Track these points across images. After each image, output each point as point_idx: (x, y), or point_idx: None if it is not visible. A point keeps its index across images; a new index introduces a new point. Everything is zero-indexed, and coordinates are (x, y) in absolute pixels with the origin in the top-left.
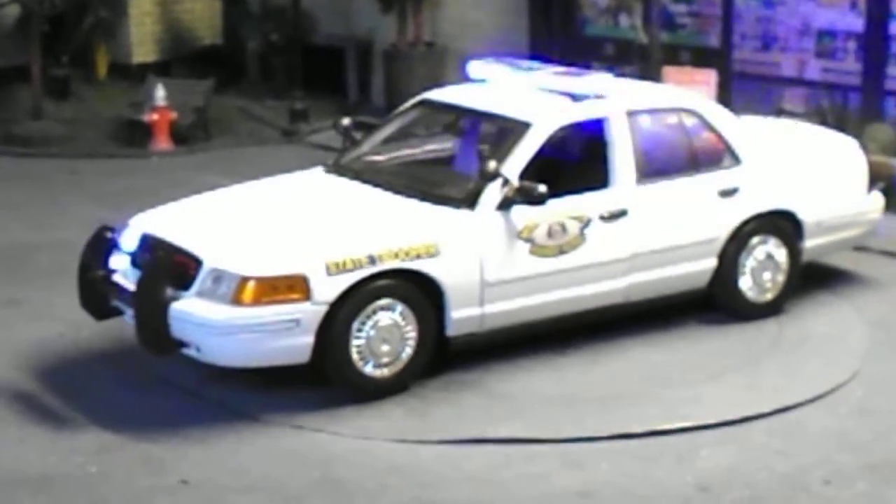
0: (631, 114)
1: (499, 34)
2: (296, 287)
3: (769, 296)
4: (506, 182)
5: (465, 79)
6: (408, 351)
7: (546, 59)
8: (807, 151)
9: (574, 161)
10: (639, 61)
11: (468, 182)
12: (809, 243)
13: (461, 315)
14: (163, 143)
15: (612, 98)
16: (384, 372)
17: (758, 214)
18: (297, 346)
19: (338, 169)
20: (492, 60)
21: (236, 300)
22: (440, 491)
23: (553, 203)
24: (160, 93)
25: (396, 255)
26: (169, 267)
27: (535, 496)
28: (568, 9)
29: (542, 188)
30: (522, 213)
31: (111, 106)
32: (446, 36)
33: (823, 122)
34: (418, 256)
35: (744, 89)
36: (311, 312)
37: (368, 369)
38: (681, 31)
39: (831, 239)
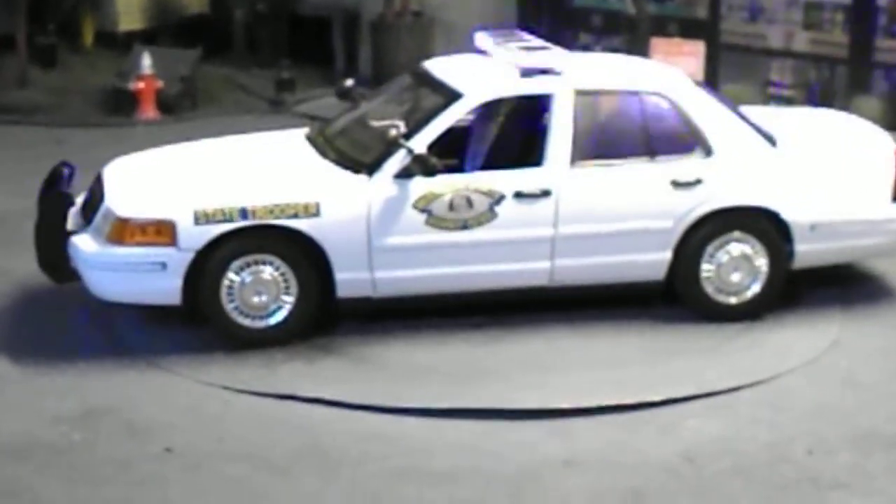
0: (580, 93)
1: (487, 5)
2: (163, 232)
3: (740, 299)
4: (410, 152)
5: (467, 50)
6: (287, 307)
7: (534, 30)
8: (817, 147)
9: (508, 136)
10: (626, 33)
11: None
12: (802, 248)
13: (348, 277)
14: (149, 111)
15: (564, 75)
16: (258, 323)
17: (725, 209)
18: (167, 288)
19: (310, 134)
20: (489, 33)
21: (110, 238)
22: (428, 459)
23: (461, 177)
24: (146, 62)
25: (271, 212)
26: (87, 201)
27: (522, 463)
28: None
29: (434, 161)
30: (421, 184)
31: (97, 75)
32: (434, 6)
33: (810, 96)
34: (295, 215)
35: (731, 61)
36: (177, 258)
37: (241, 319)
38: (668, 3)
39: (835, 246)
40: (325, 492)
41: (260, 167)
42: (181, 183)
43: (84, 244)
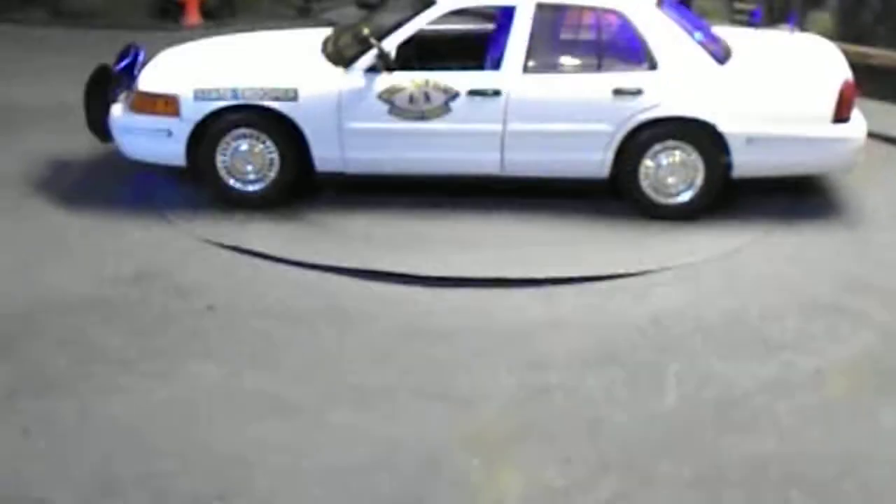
0: (540, 6)
1: None
2: (169, 104)
3: (677, 200)
4: (380, 50)
5: None
6: (273, 171)
7: None
8: (767, 66)
9: (470, 41)
10: None
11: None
12: (739, 159)
13: (322, 154)
14: (193, 18)
15: None
16: (248, 188)
17: (663, 118)
18: (173, 151)
19: (328, 35)
20: None
21: (131, 107)
22: (430, 318)
23: (421, 74)
24: None
25: (256, 94)
26: (119, 75)
27: (513, 325)
28: None
29: (391, 59)
30: (387, 79)
31: None
32: None
33: (770, 9)
34: (277, 98)
35: None
36: (179, 126)
37: (233, 182)
38: None
39: (772, 160)
40: (343, 343)
41: (264, 57)
42: (193, 67)
43: (115, 111)
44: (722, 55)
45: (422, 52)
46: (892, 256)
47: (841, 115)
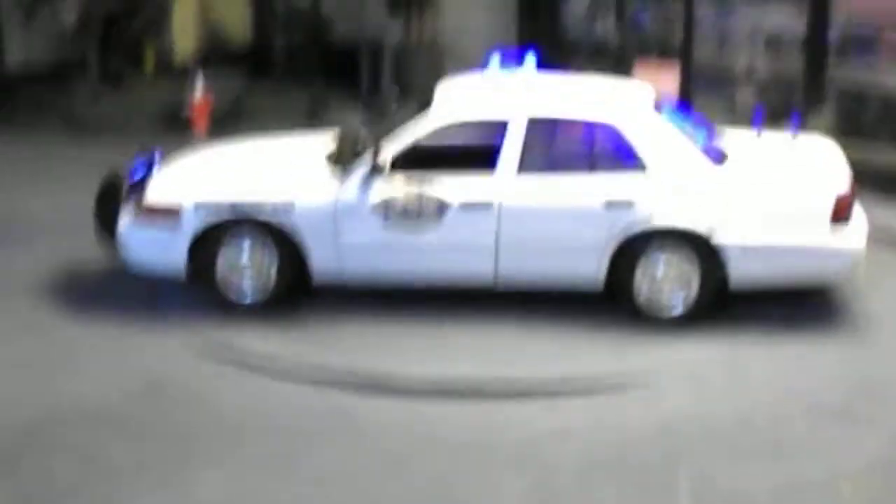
0: (533, 120)
1: (491, 37)
2: (171, 216)
3: (671, 312)
4: (374, 162)
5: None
6: (272, 282)
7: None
8: (763, 172)
9: (464, 152)
10: (613, 57)
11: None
12: (736, 270)
13: (319, 266)
14: (202, 128)
15: (523, 103)
16: (247, 299)
17: (656, 230)
18: (173, 262)
19: (331, 140)
20: (502, 56)
21: (135, 218)
22: (439, 430)
23: (415, 186)
24: (200, 84)
25: (254, 208)
26: (136, 184)
27: (523, 436)
28: (552, 14)
29: (386, 170)
30: (381, 191)
31: (158, 96)
32: (446, 36)
33: (772, 107)
34: (274, 211)
35: (702, 84)
36: (180, 238)
37: (232, 293)
38: (648, 33)
39: (770, 271)
40: (353, 456)
41: (264, 167)
42: (195, 178)
43: (122, 221)
44: (720, 157)
45: (417, 163)
46: None
47: (838, 222)
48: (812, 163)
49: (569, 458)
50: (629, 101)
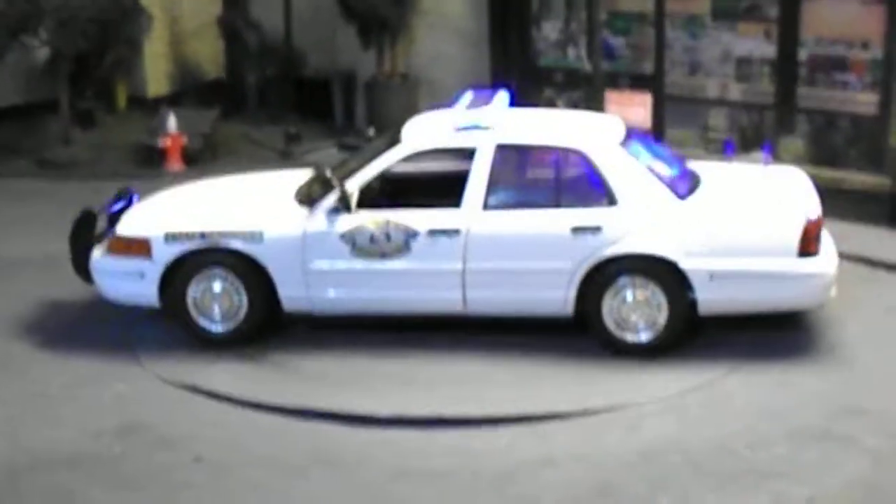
0: (501, 147)
1: (464, 66)
2: (142, 247)
3: (641, 337)
4: (341, 191)
5: (449, 105)
6: (243, 311)
7: (507, 87)
8: (731, 200)
9: (432, 180)
10: (584, 87)
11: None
12: (703, 296)
13: (289, 294)
14: (175, 164)
15: (490, 131)
16: (219, 328)
17: (623, 255)
18: (146, 293)
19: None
20: (474, 93)
21: (107, 250)
22: (420, 460)
23: (382, 213)
24: (172, 121)
25: (223, 235)
26: (112, 218)
27: (503, 464)
28: (523, 42)
29: (352, 200)
30: (348, 219)
31: (130, 133)
32: (419, 68)
33: (743, 138)
34: (243, 240)
35: (675, 109)
36: (151, 269)
37: (203, 322)
38: (620, 60)
39: (738, 296)
40: (333, 491)
41: (234, 200)
42: (166, 211)
43: (95, 253)
44: (687, 190)
45: (385, 192)
46: (878, 380)
47: (806, 250)
48: (781, 191)
49: (549, 486)
50: (598, 132)
